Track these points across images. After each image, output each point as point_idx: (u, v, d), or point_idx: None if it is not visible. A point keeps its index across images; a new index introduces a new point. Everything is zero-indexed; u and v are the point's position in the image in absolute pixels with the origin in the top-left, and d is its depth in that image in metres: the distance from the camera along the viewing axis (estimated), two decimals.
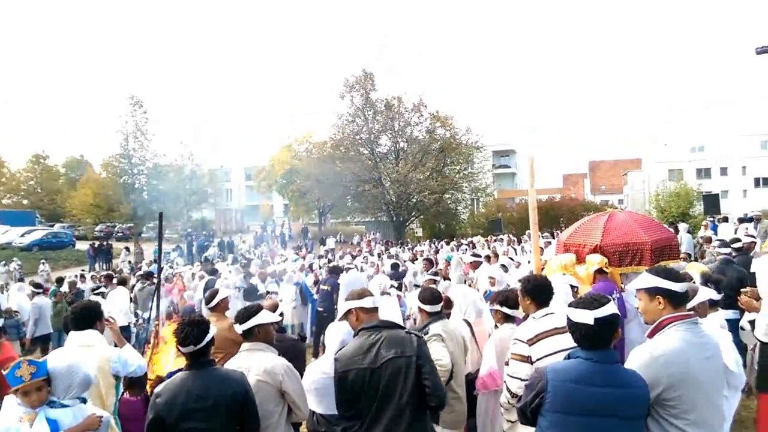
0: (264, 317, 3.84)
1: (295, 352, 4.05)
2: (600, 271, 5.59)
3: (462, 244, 22.80)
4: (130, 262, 27.83)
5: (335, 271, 11.69)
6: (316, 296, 11.48)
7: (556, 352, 3.62)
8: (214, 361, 3.51)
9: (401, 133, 39.73)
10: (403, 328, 3.47)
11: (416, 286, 9.44)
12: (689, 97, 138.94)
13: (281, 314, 5.11)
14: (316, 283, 12.18)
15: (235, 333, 3.98)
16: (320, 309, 10.51)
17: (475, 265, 10.24)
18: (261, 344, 3.79)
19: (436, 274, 8.98)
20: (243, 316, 3.84)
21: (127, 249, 30.55)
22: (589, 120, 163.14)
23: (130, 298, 11.09)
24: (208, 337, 3.38)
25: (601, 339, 2.70)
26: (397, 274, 12.54)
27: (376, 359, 3.29)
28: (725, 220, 18.25)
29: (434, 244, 25.17)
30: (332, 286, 10.63)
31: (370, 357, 3.31)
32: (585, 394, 2.61)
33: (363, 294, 3.69)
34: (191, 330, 3.32)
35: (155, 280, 8.12)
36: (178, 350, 3.43)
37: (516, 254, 15.29)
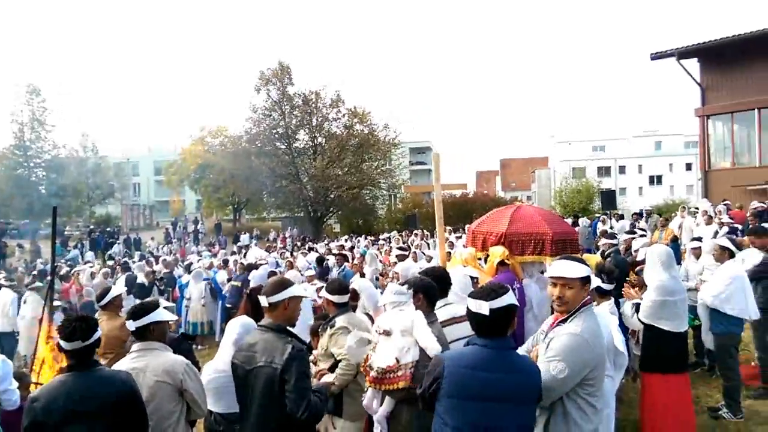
0: (160, 315, 3.69)
1: (181, 352, 3.90)
2: (502, 263, 5.79)
3: (379, 239, 23.01)
4: (25, 260, 25.87)
5: (250, 268, 11.47)
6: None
7: (454, 341, 3.73)
8: (99, 361, 3.33)
9: (319, 128, 39.39)
10: (290, 333, 3.25)
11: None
12: (592, 99, 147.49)
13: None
14: (231, 280, 11.90)
15: (127, 333, 3.81)
16: (229, 305, 10.27)
17: (402, 259, 10.38)
18: (155, 343, 3.63)
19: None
20: (137, 313, 3.67)
21: (21, 246, 28.38)
22: (502, 120, 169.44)
23: (20, 301, 10.24)
24: (96, 335, 3.20)
25: (496, 328, 2.77)
26: (322, 270, 12.47)
27: (251, 362, 3.20)
28: (621, 217, 19.54)
29: (352, 239, 25.24)
30: (243, 282, 10.42)
31: (248, 357, 3.23)
32: (479, 380, 2.67)
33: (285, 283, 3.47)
34: (79, 325, 3.12)
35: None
36: (59, 348, 3.21)
37: (429, 248, 15.60)
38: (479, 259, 6.16)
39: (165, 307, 3.82)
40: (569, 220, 17.23)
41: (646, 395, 5.17)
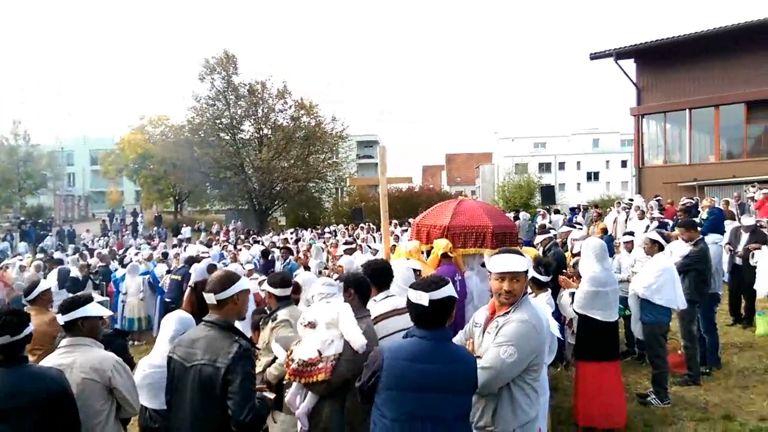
0: (91, 309, 3.54)
1: (114, 348, 3.77)
2: (445, 255, 5.87)
3: (324, 232, 22.91)
4: None
5: (191, 261, 11.17)
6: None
7: (395, 332, 3.76)
8: (28, 357, 3.17)
9: (265, 119, 38.68)
10: (236, 332, 3.09)
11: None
12: (534, 97, 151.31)
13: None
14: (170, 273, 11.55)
15: (57, 328, 3.64)
16: (168, 300, 9.97)
17: (349, 252, 10.34)
18: (85, 339, 3.48)
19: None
20: (67, 306, 3.51)
21: None
22: (448, 115, 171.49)
23: None
24: (27, 330, 3.04)
25: (435, 319, 2.79)
26: (267, 263, 12.31)
27: (190, 358, 3.02)
28: (557, 211, 20.17)
29: (297, 232, 25.02)
30: (183, 275, 10.14)
31: (188, 353, 3.05)
32: (417, 371, 2.69)
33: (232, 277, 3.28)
34: (10, 319, 2.97)
35: None
36: None
37: (375, 242, 15.66)
38: (423, 252, 6.22)
39: (99, 302, 3.67)
40: (511, 215, 17.65)
41: (579, 382, 5.38)
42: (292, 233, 23.63)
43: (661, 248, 6.38)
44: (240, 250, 16.42)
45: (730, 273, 8.84)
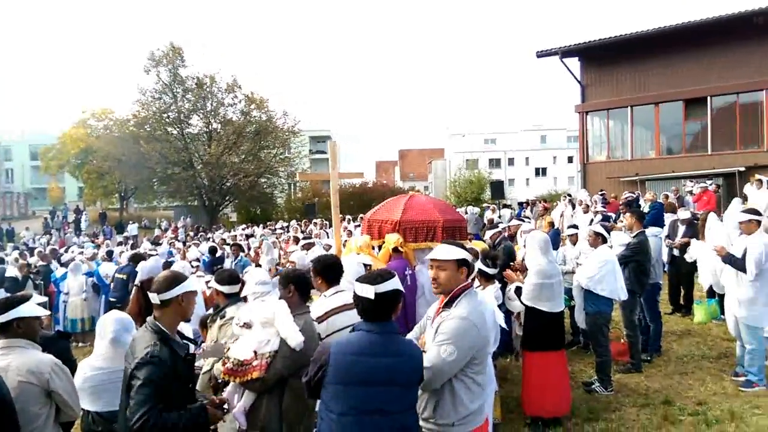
0: (25, 310, 3.39)
1: (56, 350, 3.63)
2: (395, 250, 5.90)
3: (276, 228, 22.64)
4: None
5: (136, 259, 10.81)
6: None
7: (344, 328, 3.75)
8: None
9: (214, 113, 37.86)
10: (164, 336, 2.97)
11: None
12: (485, 94, 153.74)
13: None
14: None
15: None
16: (113, 299, 9.64)
17: (308, 247, 10.24)
18: (21, 341, 3.34)
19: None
20: (1, 307, 3.36)
21: None
22: (401, 111, 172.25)
23: None
24: None
25: (381, 312, 2.80)
26: (215, 260, 12.07)
27: (126, 359, 2.99)
28: (507, 206, 20.61)
29: (249, 228, 24.64)
30: (129, 274, 9.81)
31: (127, 353, 3.02)
32: (364, 365, 2.69)
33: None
34: None
35: None
36: None
37: (327, 237, 15.58)
38: (374, 247, 6.23)
39: (38, 303, 3.52)
40: (462, 209, 17.92)
41: (527, 373, 5.51)
42: (243, 229, 23.25)
43: (604, 240, 6.59)
44: (189, 247, 16.04)
45: (669, 264, 9.23)
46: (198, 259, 12.33)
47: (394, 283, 2.84)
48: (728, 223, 7.88)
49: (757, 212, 6.37)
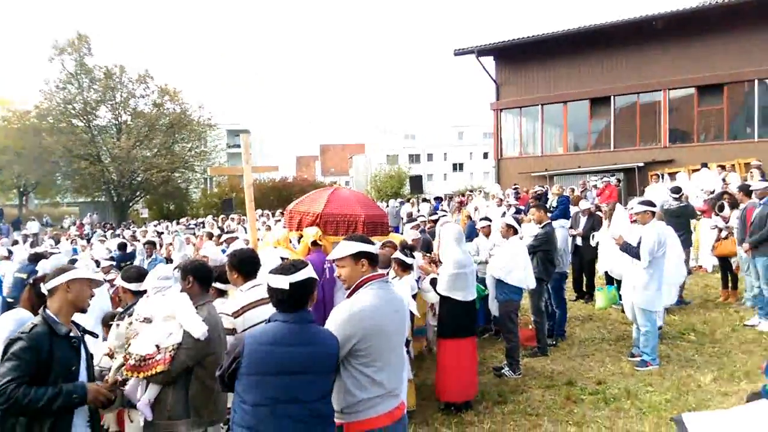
0: None
1: None
2: (314, 243, 5.90)
3: (190, 224, 21.93)
4: None
5: (36, 258, 10.13)
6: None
7: (261, 322, 3.71)
8: None
9: (124, 105, 36.09)
10: (48, 321, 3.02)
11: None
12: (404, 90, 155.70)
13: None
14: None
15: None
16: (11, 300, 9.02)
17: (230, 241, 9.96)
18: None
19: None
20: None
21: None
22: (322, 106, 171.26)
23: None
24: None
25: (296, 302, 2.81)
26: (124, 256, 11.57)
27: None
28: (425, 200, 21.06)
29: (161, 225, 23.68)
30: (29, 273, 9.19)
31: None
32: (279, 354, 2.69)
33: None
34: None
35: None
36: None
37: (246, 233, 15.27)
38: (291, 240, 6.20)
39: None
40: (383, 204, 18.12)
41: (441, 359, 5.69)
42: (156, 226, 22.31)
43: (515, 232, 6.90)
44: (92, 244, 15.23)
45: (572, 253, 9.78)
46: (111, 257, 11.76)
47: (308, 272, 2.86)
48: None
49: (651, 203, 6.88)
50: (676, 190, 9.71)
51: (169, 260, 9.88)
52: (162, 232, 18.28)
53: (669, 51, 19.88)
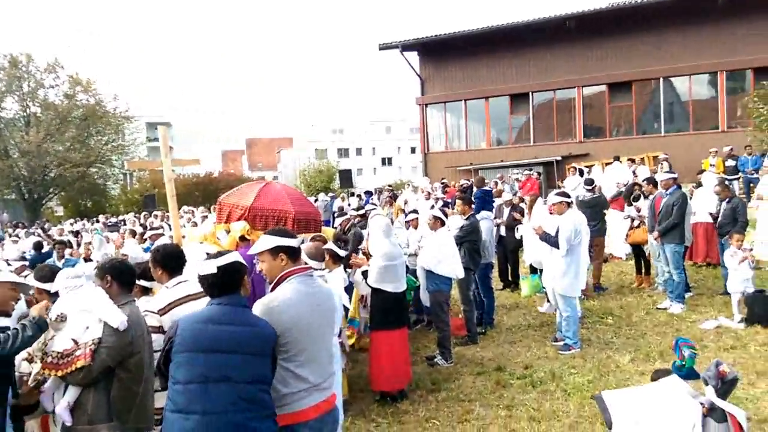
0: None
1: None
2: (242, 238, 5.80)
3: (110, 222, 20.91)
4: None
5: None
6: None
7: None
8: None
9: (32, 95, 33.80)
10: None
11: None
12: (332, 84, 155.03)
13: None
14: None
15: None
16: None
17: (155, 238, 9.59)
18: None
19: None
20: None
21: None
22: (249, 99, 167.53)
23: None
24: None
25: (227, 285, 2.84)
26: (40, 256, 10.94)
27: None
28: (353, 194, 21.14)
29: (76, 223, 22.41)
30: None
31: None
32: (211, 332, 2.72)
33: None
34: None
35: None
36: None
37: (170, 230, 14.75)
38: (218, 236, 6.08)
39: None
40: (312, 198, 17.98)
41: (373, 350, 5.75)
42: (72, 224, 21.11)
43: (443, 224, 7.06)
44: (4, 244, 14.25)
45: (497, 244, 10.11)
46: (24, 257, 11.06)
47: (235, 256, 2.91)
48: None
49: (566, 195, 7.25)
50: (589, 182, 10.25)
51: (88, 260, 9.39)
52: (78, 231, 17.32)
53: (582, 50, 20.96)
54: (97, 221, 21.76)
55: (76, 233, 16.03)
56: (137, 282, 4.18)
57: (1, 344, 2.92)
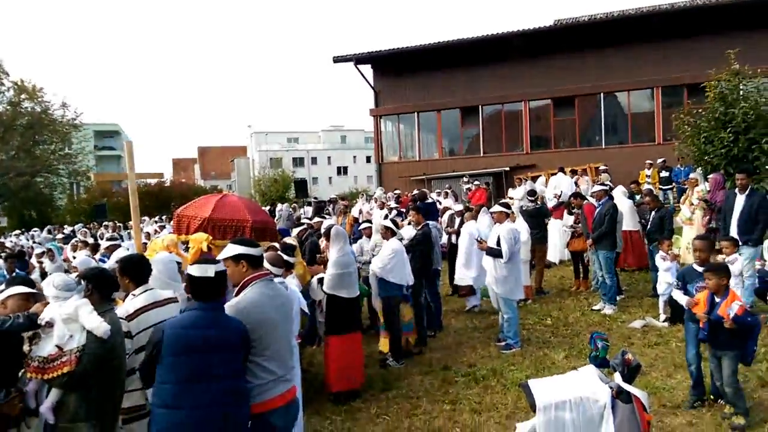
0: None
1: None
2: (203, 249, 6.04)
3: (58, 234, 20.49)
4: None
5: None
6: None
7: (155, 324, 3.91)
8: None
9: None
10: None
11: None
12: (285, 94, 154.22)
13: None
14: None
15: None
16: None
17: (112, 249, 9.55)
18: None
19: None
20: None
21: None
22: (199, 107, 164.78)
23: None
24: None
25: (216, 290, 3.21)
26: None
27: None
28: (310, 204, 21.41)
29: (22, 234, 21.82)
30: None
31: None
32: (193, 336, 3.06)
33: None
34: None
35: None
36: None
37: (123, 240, 14.67)
38: (181, 244, 6.29)
39: None
40: (267, 208, 18.15)
41: (329, 354, 6.12)
42: (18, 236, 20.56)
43: (393, 234, 7.48)
44: None
45: (447, 251, 10.62)
46: None
47: (222, 266, 3.30)
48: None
49: (507, 206, 7.82)
50: (532, 193, 10.91)
51: (44, 273, 9.37)
52: (24, 245, 16.90)
53: (528, 66, 21.88)
54: (50, 232, 21.22)
55: (23, 249, 15.66)
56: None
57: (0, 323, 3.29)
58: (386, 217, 11.20)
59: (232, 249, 3.54)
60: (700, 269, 5.13)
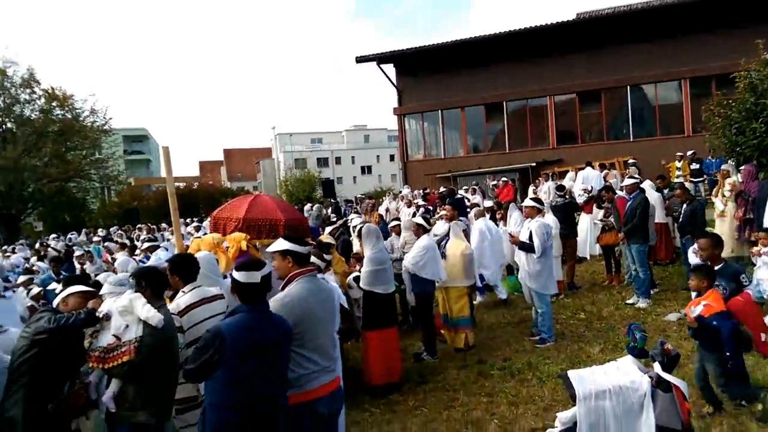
0: None
1: None
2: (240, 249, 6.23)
3: (94, 236, 21.05)
4: None
5: None
6: None
7: (204, 320, 4.11)
8: None
9: (8, 111, 33.58)
10: None
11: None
12: (308, 95, 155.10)
13: None
14: None
15: None
16: None
17: (151, 250, 9.91)
18: None
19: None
20: None
21: None
22: (225, 109, 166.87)
23: None
24: None
25: (262, 293, 3.33)
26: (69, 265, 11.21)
27: None
28: (336, 204, 21.63)
29: (58, 238, 22.42)
30: None
31: None
32: (254, 338, 3.18)
33: None
34: None
35: None
36: None
37: (159, 241, 15.05)
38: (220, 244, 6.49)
39: None
40: (296, 207, 18.42)
41: (367, 348, 6.26)
42: (55, 239, 21.15)
43: (425, 230, 7.57)
44: None
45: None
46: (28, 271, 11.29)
47: (269, 267, 3.43)
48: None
49: (539, 201, 7.84)
50: (561, 188, 10.90)
51: (86, 275, 9.69)
52: (62, 248, 17.42)
53: (550, 60, 21.75)
54: (87, 235, 21.76)
55: (68, 248, 16.16)
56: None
57: (65, 319, 3.57)
58: (415, 214, 11.36)
59: (280, 244, 3.69)
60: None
